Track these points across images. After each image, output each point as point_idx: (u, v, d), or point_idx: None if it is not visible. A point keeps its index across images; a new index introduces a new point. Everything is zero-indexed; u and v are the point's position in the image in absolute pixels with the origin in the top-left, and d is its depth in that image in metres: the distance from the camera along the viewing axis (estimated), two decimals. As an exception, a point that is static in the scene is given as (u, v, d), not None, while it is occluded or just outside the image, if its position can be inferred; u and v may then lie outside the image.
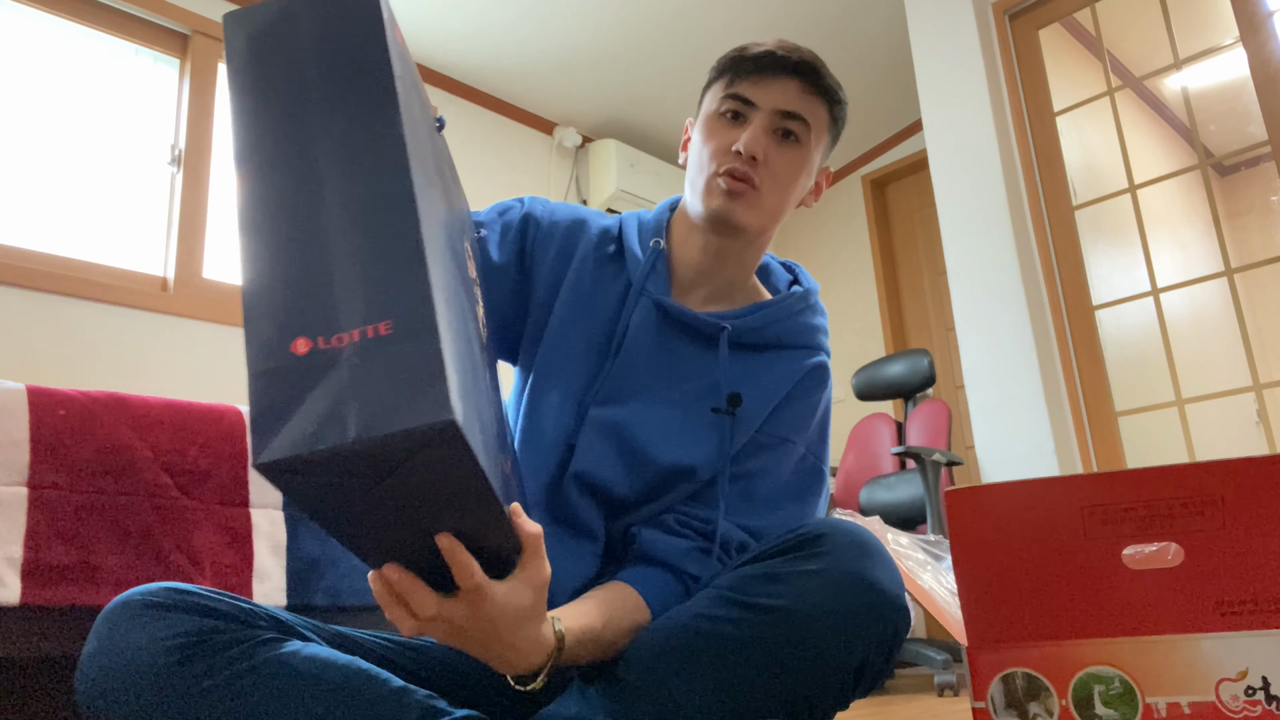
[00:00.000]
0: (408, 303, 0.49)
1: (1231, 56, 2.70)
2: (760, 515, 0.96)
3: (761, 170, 0.96)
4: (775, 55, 0.97)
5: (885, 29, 3.50)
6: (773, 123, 0.97)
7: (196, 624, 0.73)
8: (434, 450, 0.49)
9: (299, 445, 0.46)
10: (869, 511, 3.00)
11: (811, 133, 0.99)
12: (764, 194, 0.97)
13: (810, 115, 0.98)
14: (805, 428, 1.01)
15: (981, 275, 2.85)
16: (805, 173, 1.00)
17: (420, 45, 3.25)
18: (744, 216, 0.96)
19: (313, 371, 0.48)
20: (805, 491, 1.00)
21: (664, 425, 0.95)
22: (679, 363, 0.98)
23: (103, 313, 2.41)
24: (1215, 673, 0.57)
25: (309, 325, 0.49)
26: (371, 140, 0.54)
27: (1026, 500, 0.64)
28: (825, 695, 0.78)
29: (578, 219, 1.05)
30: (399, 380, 0.48)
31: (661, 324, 0.99)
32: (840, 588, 0.77)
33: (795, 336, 1.03)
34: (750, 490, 0.97)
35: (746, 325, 1.00)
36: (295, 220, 0.52)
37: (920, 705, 2.25)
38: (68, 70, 2.56)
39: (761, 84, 0.97)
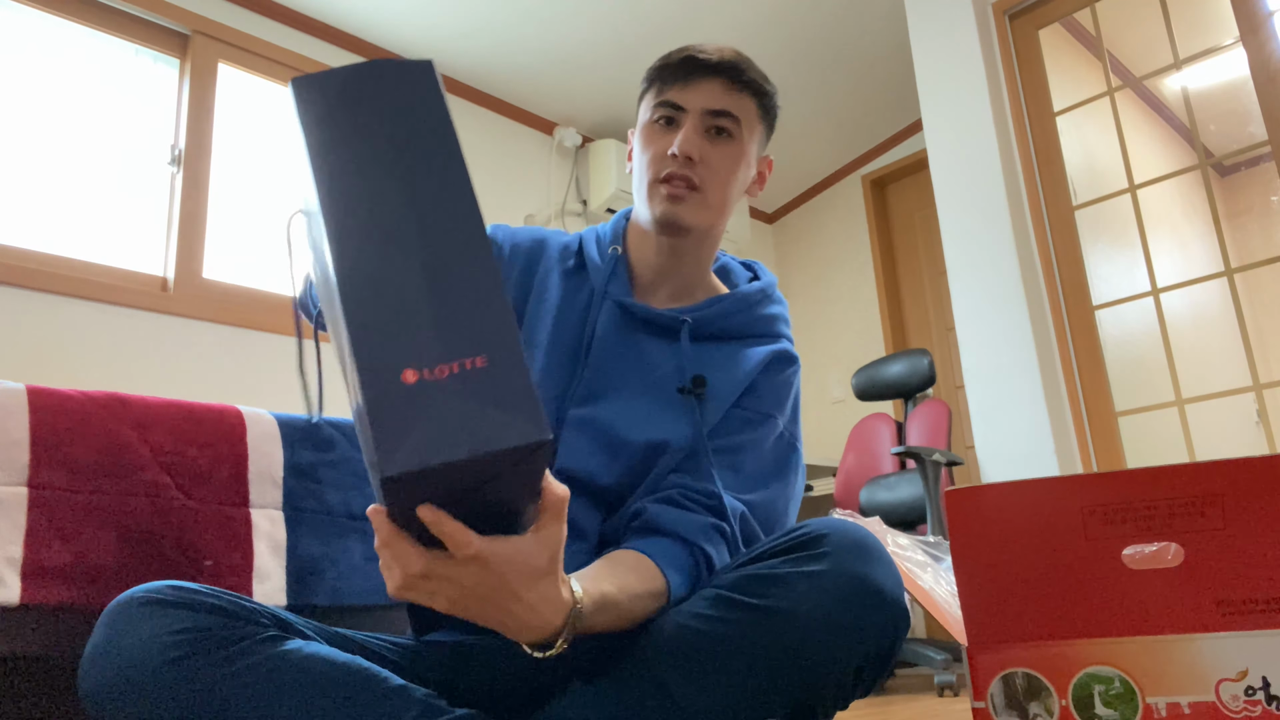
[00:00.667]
0: (496, 337, 0.58)
1: (1231, 56, 2.70)
2: (748, 489, 0.99)
3: (700, 169, 1.00)
4: (696, 59, 1.02)
5: (885, 29, 3.50)
6: (703, 122, 1.01)
7: (200, 620, 0.73)
8: (527, 464, 0.58)
9: (418, 459, 0.54)
10: (869, 512, 3.00)
11: (743, 126, 1.03)
12: (706, 192, 1.01)
13: (739, 110, 1.02)
14: (782, 406, 1.05)
15: (981, 275, 2.85)
16: (743, 165, 1.05)
17: (420, 45, 3.25)
18: (690, 217, 1.01)
19: (422, 398, 0.56)
20: (786, 468, 1.04)
21: (637, 412, 0.99)
22: (646, 357, 1.02)
23: (103, 313, 2.41)
24: (1215, 673, 0.57)
25: (415, 357, 0.57)
26: (445, 193, 0.61)
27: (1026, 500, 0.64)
28: (825, 695, 0.79)
29: (538, 239, 1.10)
30: (501, 407, 0.56)
31: (626, 324, 1.04)
32: (841, 589, 0.77)
33: (755, 327, 1.07)
34: (738, 464, 1.00)
35: (706, 317, 1.04)
36: (390, 260, 0.59)
37: (920, 705, 2.25)
38: (68, 70, 2.56)
39: (688, 88, 1.02)
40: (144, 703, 0.70)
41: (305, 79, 0.64)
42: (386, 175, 0.62)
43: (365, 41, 3.18)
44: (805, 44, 3.52)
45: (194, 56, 2.76)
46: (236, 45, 2.86)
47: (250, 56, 2.89)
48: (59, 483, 0.97)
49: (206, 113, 2.76)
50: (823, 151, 4.26)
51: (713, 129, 1.02)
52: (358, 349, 0.56)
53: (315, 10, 3.02)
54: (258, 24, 2.92)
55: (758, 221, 4.58)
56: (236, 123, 2.86)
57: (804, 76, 3.70)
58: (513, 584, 0.65)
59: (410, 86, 0.64)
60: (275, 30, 2.97)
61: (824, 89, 3.80)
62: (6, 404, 0.96)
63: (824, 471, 3.81)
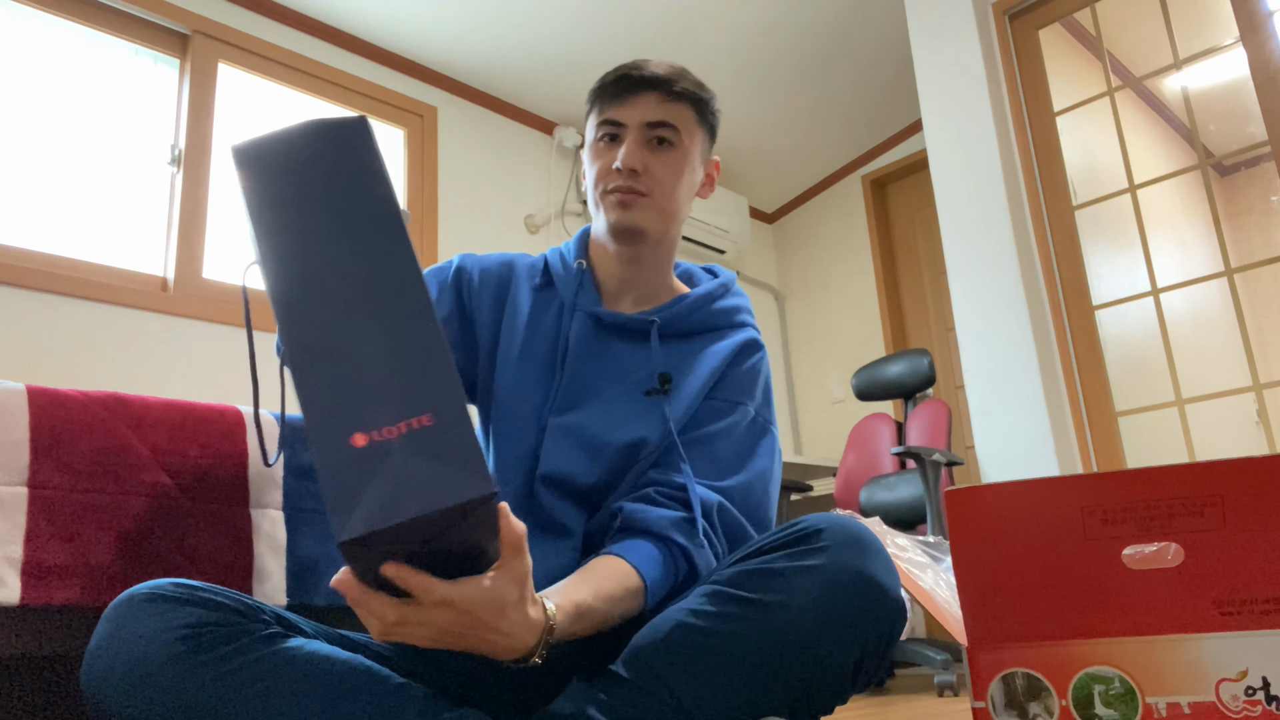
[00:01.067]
0: (441, 395, 0.59)
1: (1231, 56, 2.70)
2: (725, 474, 1.02)
3: (645, 179, 1.06)
4: (631, 76, 1.07)
5: (885, 29, 3.50)
6: (643, 135, 1.06)
7: (203, 616, 0.74)
8: (476, 515, 0.59)
9: (371, 523, 0.56)
10: (869, 512, 3.00)
11: (682, 134, 1.08)
12: (654, 198, 1.06)
13: (676, 119, 1.07)
14: (751, 392, 1.09)
15: (981, 275, 2.85)
16: (687, 170, 1.10)
17: (420, 45, 3.25)
18: (641, 220, 1.06)
19: (372, 461, 0.57)
20: (760, 449, 1.07)
21: (613, 414, 1.03)
22: (619, 362, 1.07)
23: (103, 313, 2.41)
24: (1215, 673, 0.57)
25: (363, 421, 0.58)
26: (385, 253, 0.63)
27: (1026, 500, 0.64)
28: (824, 690, 0.79)
29: (506, 262, 1.15)
30: (447, 464, 0.58)
31: (598, 331, 1.09)
32: (839, 583, 0.77)
33: (719, 319, 1.12)
34: (713, 453, 1.04)
35: (673, 315, 1.09)
36: (333, 327, 0.61)
37: (920, 705, 2.25)
38: (68, 70, 2.56)
39: (625, 104, 1.07)
40: (147, 697, 0.70)
41: (245, 147, 0.66)
42: (326, 240, 0.63)
43: (365, 41, 3.18)
44: (805, 44, 3.52)
45: (194, 56, 2.76)
46: (236, 45, 2.86)
47: (250, 56, 2.89)
48: (59, 483, 0.97)
49: (206, 113, 2.76)
50: (823, 151, 4.26)
51: (654, 140, 1.07)
52: (308, 417, 0.58)
53: (315, 10, 3.02)
54: (258, 24, 2.92)
55: (758, 221, 4.58)
56: (236, 123, 2.86)
57: (804, 76, 3.70)
58: (485, 619, 0.68)
59: (346, 147, 0.66)
60: (275, 30, 2.97)
61: (824, 89, 3.80)
62: (6, 404, 0.96)
63: (824, 471, 3.81)
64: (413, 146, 3.30)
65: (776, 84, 3.70)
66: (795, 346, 4.49)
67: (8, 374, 2.19)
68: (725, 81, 3.64)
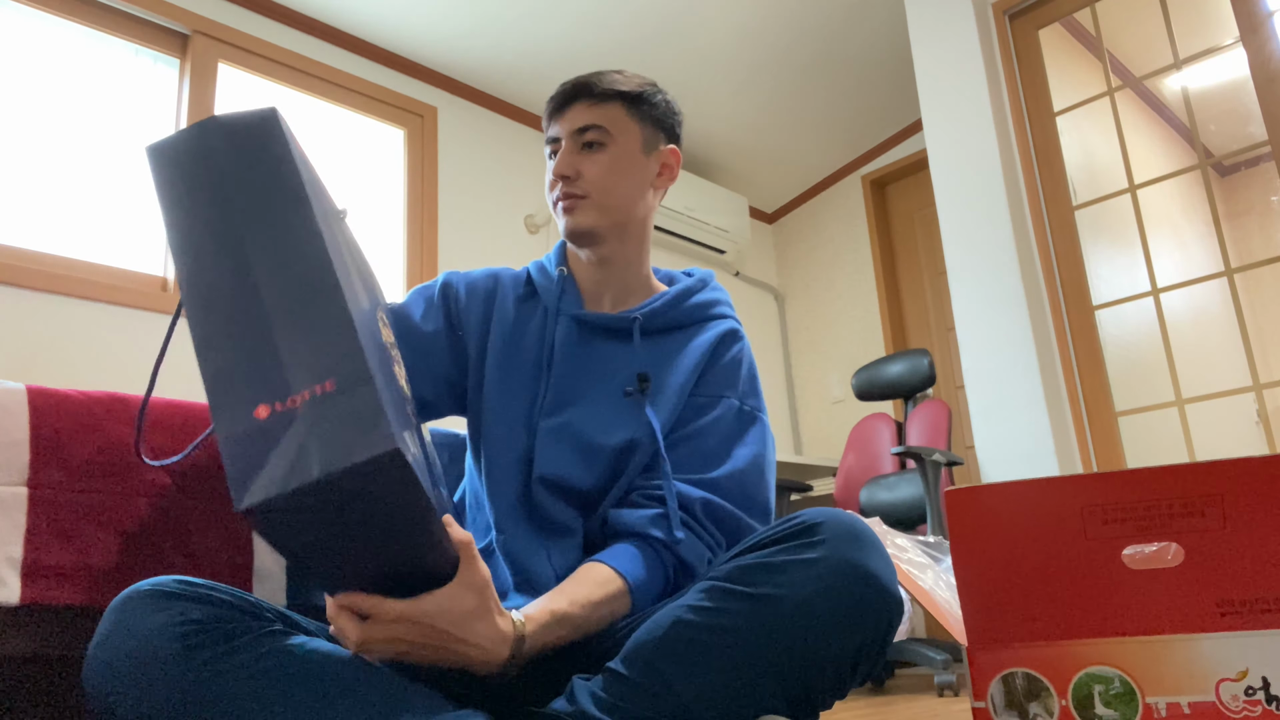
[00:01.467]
0: (344, 362, 0.59)
1: (1231, 56, 2.70)
2: (713, 466, 1.04)
3: (580, 182, 1.10)
4: (562, 90, 1.13)
5: (885, 29, 3.50)
6: (574, 143, 1.12)
7: (206, 612, 0.74)
8: (383, 477, 0.58)
9: (271, 489, 0.55)
10: (869, 512, 3.00)
11: (611, 132, 1.12)
12: (592, 197, 1.10)
13: (604, 120, 1.11)
14: (735, 384, 1.12)
15: (981, 275, 2.85)
16: (626, 164, 1.12)
17: (420, 45, 3.25)
18: (584, 219, 1.10)
19: (275, 430, 0.57)
20: (749, 435, 1.09)
21: (603, 416, 1.05)
22: (604, 362, 1.10)
23: (103, 313, 2.41)
24: (1215, 673, 0.57)
25: (267, 393, 0.58)
26: (292, 235, 0.65)
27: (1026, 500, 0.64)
28: (823, 683, 0.79)
29: (490, 275, 1.19)
30: (348, 425, 0.57)
31: (581, 333, 1.11)
32: (837, 577, 0.78)
33: (698, 313, 1.15)
34: (701, 447, 1.06)
35: (653, 312, 1.12)
36: (239, 309, 0.62)
37: (920, 705, 2.25)
38: (68, 70, 2.56)
39: (559, 118, 1.14)
40: (150, 693, 0.70)
41: (157, 146, 0.68)
42: (232, 228, 0.65)
43: (365, 41, 3.18)
44: (805, 44, 3.52)
45: (194, 56, 2.76)
46: (236, 45, 2.86)
47: (250, 56, 2.89)
48: (59, 483, 0.97)
49: (206, 113, 2.75)
50: (823, 151, 4.26)
51: (584, 145, 1.11)
52: (210, 395, 0.59)
53: (315, 10, 3.02)
54: (258, 24, 2.92)
55: (758, 221, 4.58)
56: (236, 123, 2.86)
57: (804, 76, 3.70)
58: (448, 630, 0.72)
59: (255, 138, 0.68)
60: (275, 30, 2.97)
61: (824, 89, 3.80)
62: (6, 404, 0.96)
63: (824, 471, 3.81)
64: (413, 146, 3.30)
65: (776, 84, 3.70)
66: (795, 346, 4.48)
67: (8, 374, 2.19)
68: (725, 81, 3.64)
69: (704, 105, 3.76)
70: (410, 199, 3.24)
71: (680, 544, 0.97)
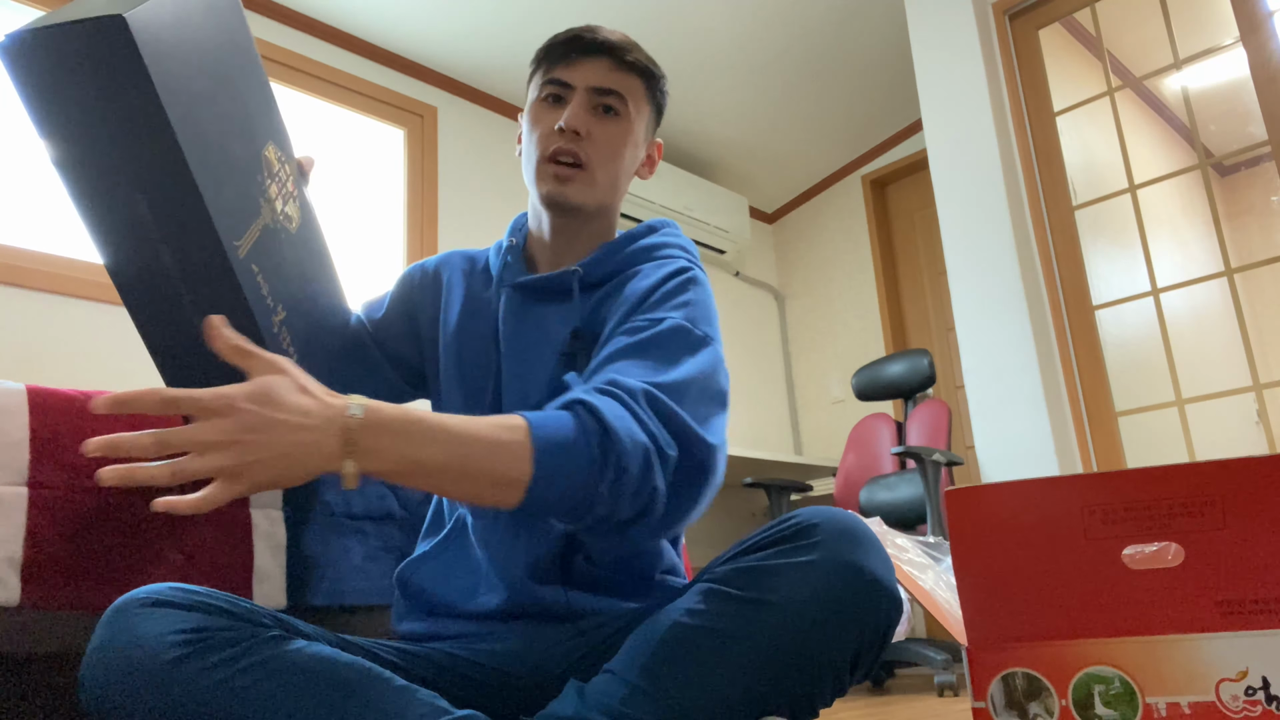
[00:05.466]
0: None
1: (1231, 56, 2.70)
2: (659, 373, 0.86)
3: (586, 145, 1.01)
4: (583, 38, 1.03)
5: (885, 29, 3.50)
6: (590, 99, 1.02)
7: (203, 620, 0.74)
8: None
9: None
10: (869, 511, 3.00)
11: (629, 105, 1.04)
12: (593, 169, 1.02)
13: (625, 90, 1.03)
14: (675, 307, 0.95)
15: (981, 275, 2.85)
16: (630, 144, 1.05)
17: (420, 45, 3.25)
18: (576, 195, 1.01)
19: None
20: (696, 348, 0.92)
21: (550, 385, 0.99)
22: (548, 326, 1.02)
23: (103, 313, 2.41)
24: (1215, 673, 0.57)
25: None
26: (146, 132, 0.71)
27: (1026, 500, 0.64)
28: (823, 684, 0.79)
29: (445, 257, 1.16)
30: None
31: (524, 301, 1.05)
32: (834, 578, 0.77)
33: (643, 256, 1.04)
34: (644, 358, 0.89)
35: (594, 262, 1.03)
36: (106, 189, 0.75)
37: (920, 705, 2.25)
38: (68, 70, 2.56)
39: (574, 65, 1.03)
40: (147, 703, 0.70)
41: (11, 43, 0.69)
42: (96, 141, 0.70)
43: (365, 41, 3.18)
44: (805, 44, 3.52)
45: (194, 56, 2.76)
46: (236, 45, 2.85)
47: (250, 56, 2.89)
48: (59, 483, 0.97)
49: (206, 113, 2.75)
50: (823, 151, 4.26)
51: (600, 107, 1.03)
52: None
53: (315, 10, 3.02)
54: (258, 24, 2.92)
55: (758, 221, 4.58)
56: (236, 123, 2.86)
57: (804, 76, 3.70)
58: (259, 410, 0.66)
59: (107, 46, 0.68)
60: (275, 30, 2.97)
61: (824, 89, 3.80)
62: (6, 404, 0.96)
63: (824, 471, 3.81)
64: (413, 146, 3.30)
65: (776, 84, 3.70)
66: (795, 346, 4.48)
67: (8, 374, 2.19)
68: (725, 81, 3.64)
69: (704, 105, 3.76)
70: (410, 199, 3.24)
71: (599, 405, 0.78)
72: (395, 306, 1.13)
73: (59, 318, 2.33)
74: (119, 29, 0.65)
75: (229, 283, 0.79)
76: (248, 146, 0.86)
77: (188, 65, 0.74)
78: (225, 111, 0.81)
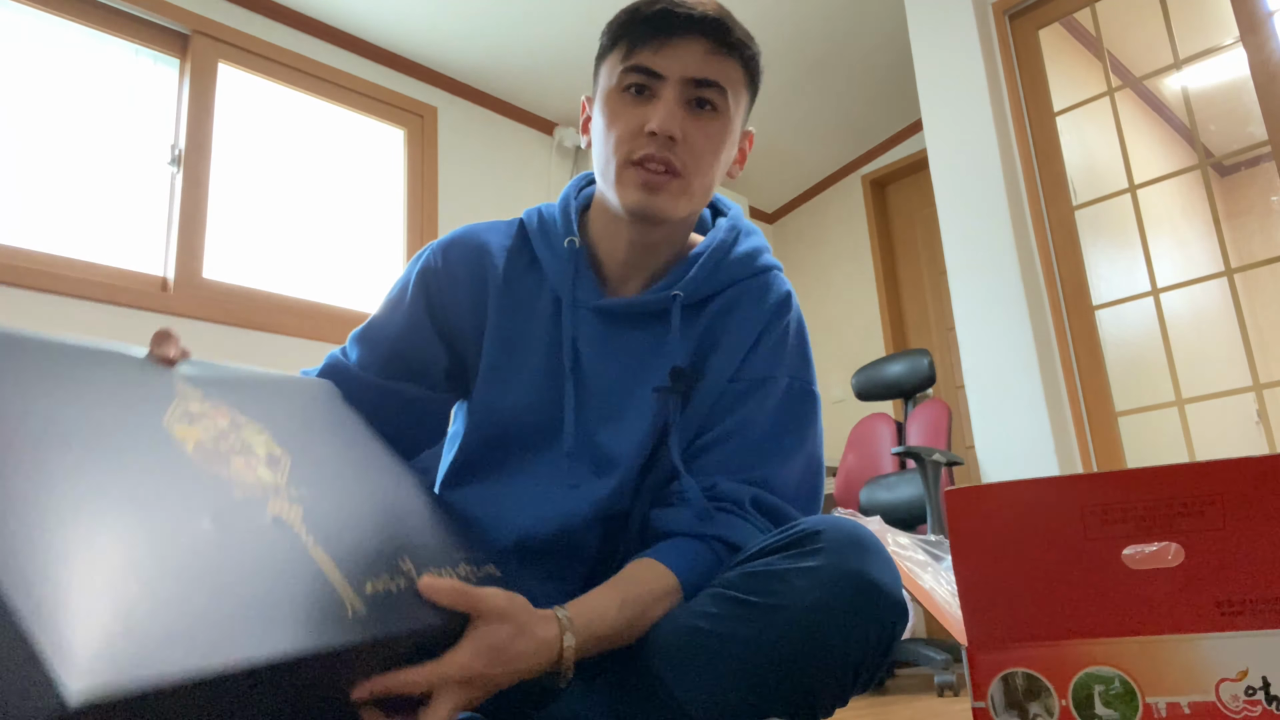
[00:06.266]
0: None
1: (1231, 56, 2.70)
2: (762, 464, 0.90)
3: (681, 150, 0.86)
4: (675, 14, 0.85)
5: (885, 29, 3.50)
6: (684, 93, 0.86)
7: None
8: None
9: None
10: (869, 511, 3.00)
11: (729, 98, 0.89)
12: (688, 177, 0.87)
13: (725, 78, 0.88)
14: (781, 359, 0.94)
15: (981, 275, 2.85)
16: (729, 143, 0.91)
17: (420, 45, 3.25)
18: (670, 208, 0.87)
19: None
20: (802, 419, 0.94)
21: (636, 424, 0.91)
22: (642, 356, 0.91)
23: (103, 313, 2.41)
24: (1215, 673, 0.57)
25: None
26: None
27: (1026, 500, 0.64)
28: (825, 691, 0.78)
29: (473, 245, 0.96)
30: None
31: (608, 328, 0.92)
32: (838, 585, 0.76)
33: (740, 269, 0.95)
34: (746, 442, 0.91)
35: (693, 281, 0.92)
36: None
37: (920, 705, 2.25)
38: (68, 70, 2.56)
39: (665, 49, 0.85)
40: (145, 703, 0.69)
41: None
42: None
43: (365, 41, 3.18)
44: (805, 44, 3.52)
45: (194, 56, 2.76)
46: (236, 45, 2.86)
47: (250, 56, 2.89)
48: (59, 483, 0.96)
49: (206, 113, 2.76)
50: (823, 151, 4.26)
51: (694, 100, 0.87)
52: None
53: (315, 10, 3.02)
54: (258, 24, 2.92)
55: (758, 221, 4.58)
56: (236, 123, 2.86)
57: (804, 76, 3.70)
58: (498, 663, 0.68)
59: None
60: (275, 30, 2.97)
61: (824, 89, 3.80)
62: (6, 404, 0.96)
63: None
64: (413, 146, 3.30)
65: (777, 84, 3.70)
66: (795, 346, 4.48)
67: (8, 374, 2.19)
68: (725, 81, 3.64)
69: (704, 105, 3.76)
70: (410, 199, 3.24)
71: (727, 535, 0.86)
72: (417, 308, 0.95)
73: (59, 318, 2.33)
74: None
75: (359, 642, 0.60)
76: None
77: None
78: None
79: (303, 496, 0.66)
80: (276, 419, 0.73)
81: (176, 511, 0.55)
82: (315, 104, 3.08)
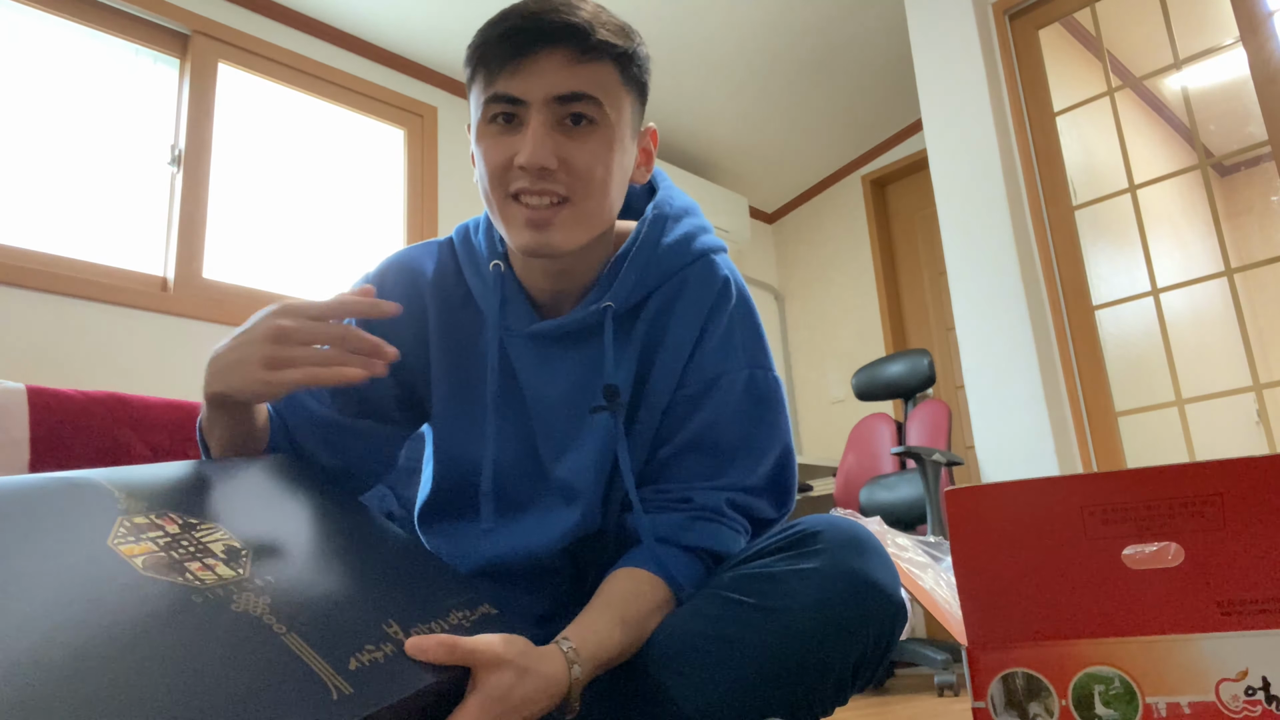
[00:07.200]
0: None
1: (1231, 56, 2.70)
2: (738, 464, 0.89)
3: (563, 175, 0.79)
4: (525, 30, 0.77)
5: (885, 29, 3.50)
6: (553, 114, 0.79)
7: None
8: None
9: None
10: (869, 511, 3.00)
11: (605, 105, 0.80)
12: (578, 202, 0.80)
13: (595, 86, 0.79)
14: (731, 354, 0.90)
15: (981, 275, 2.85)
16: (619, 151, 0.83)
17: (420, 45, 3.25)
18: (566, 241, 0.81)
19: None
20: (767, 411, 0.91)
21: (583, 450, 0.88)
22: (576, 377, 0.88)
23: (103, 313, 2.41)
24: (1215, 673, 0.57)
25: None
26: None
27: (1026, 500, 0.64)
28: (824, 692, 0.78)
29: (408, 272, 0.94)
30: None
31: (546, 351, 0.89)
32: (837, 585, 0.76)
33: (673, 259, 0.89)
34: (715, 448, 0.89)
35: (624, 286, 0.87)
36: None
37: (920, 705, 2.25)
38: (68, 70, 2.56)
39: (521, 70, 0.78)
40: None
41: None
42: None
43: (365, 41, 3.18)
44: (805, 44, 3.52)
45: (194, 56, 2.76)
46: (236, 45, 2.86)
47: (250, 56, 2.89)
48: (59, 483, 0.96)
49: (206, 113, 2.76)
50: (823, 151, 4.26)
51: (567, 118, 0.79)
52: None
53: (315, 10, 3.02)
54: (258, 24, 2.92)
55: (758, 221, 4.58)
56: (236, 123, 2.86)
57: (804, 76, 3.70)
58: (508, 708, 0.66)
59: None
60: (275, 30, 2.97)
61: (824, 89, 3.80)
62: (6, 404, 0.96)
63: (824, 471, 3.81)
64: (413, 146, 3.30)
65: (776, 84, 3.70)
66: (795, 346, 4.48)
67: (8, 374, 2.19)
68: (725, 81, 3.64)
69: (704, 105, 3.76)
70: (410, 199, 3.24)
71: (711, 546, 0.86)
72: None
73: (59, 318, 2.33)
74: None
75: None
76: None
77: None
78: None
79: (269, 585, 0.64)
80: (230, 512, 0.71)
81: (131, 629, 0.54)
82: (315, 104, 3.08)
